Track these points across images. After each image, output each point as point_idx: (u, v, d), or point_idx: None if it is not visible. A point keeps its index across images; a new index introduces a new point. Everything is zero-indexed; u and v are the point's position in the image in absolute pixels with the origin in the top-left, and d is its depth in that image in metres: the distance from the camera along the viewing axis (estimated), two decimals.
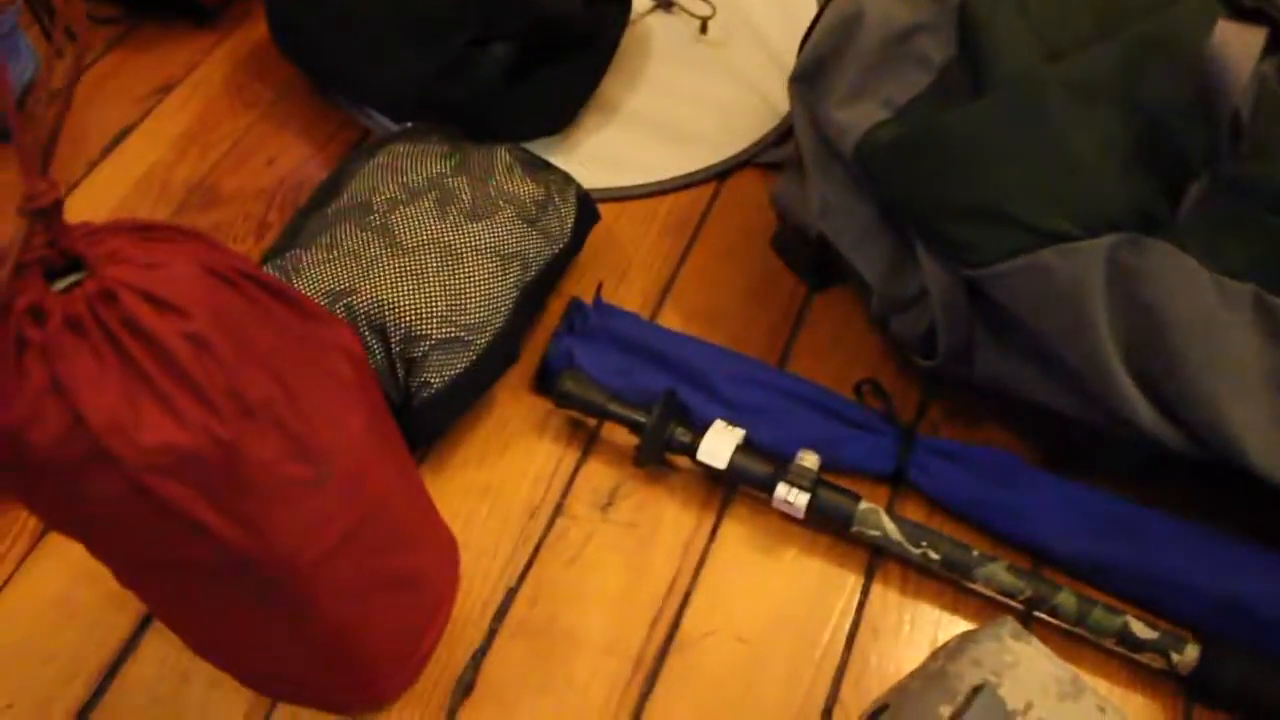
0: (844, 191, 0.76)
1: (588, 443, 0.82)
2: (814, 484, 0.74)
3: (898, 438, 0.79)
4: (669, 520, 0.78)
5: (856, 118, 0.72)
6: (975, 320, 0.72)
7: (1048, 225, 0.64)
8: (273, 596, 0.55)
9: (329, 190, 0.82)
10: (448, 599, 0.73)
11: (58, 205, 0.45)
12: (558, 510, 0.79)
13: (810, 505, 0.74)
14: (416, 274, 0.74)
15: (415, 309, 0.74)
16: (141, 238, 0.48)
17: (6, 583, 0.76)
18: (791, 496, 0.74)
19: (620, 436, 0.81)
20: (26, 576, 0.76)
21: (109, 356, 0.44)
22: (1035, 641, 0.64)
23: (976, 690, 0.60)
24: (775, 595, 0.76)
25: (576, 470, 0.81)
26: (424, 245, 0.76)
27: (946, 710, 0.62)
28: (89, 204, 0.97)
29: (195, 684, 0.72)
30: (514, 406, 0.84)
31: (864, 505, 0.75)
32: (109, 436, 0.44)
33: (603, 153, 0.97)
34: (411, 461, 0.65)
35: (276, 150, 1.02)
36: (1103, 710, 0.62)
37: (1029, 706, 0.61)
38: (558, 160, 0.88)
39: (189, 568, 0.53)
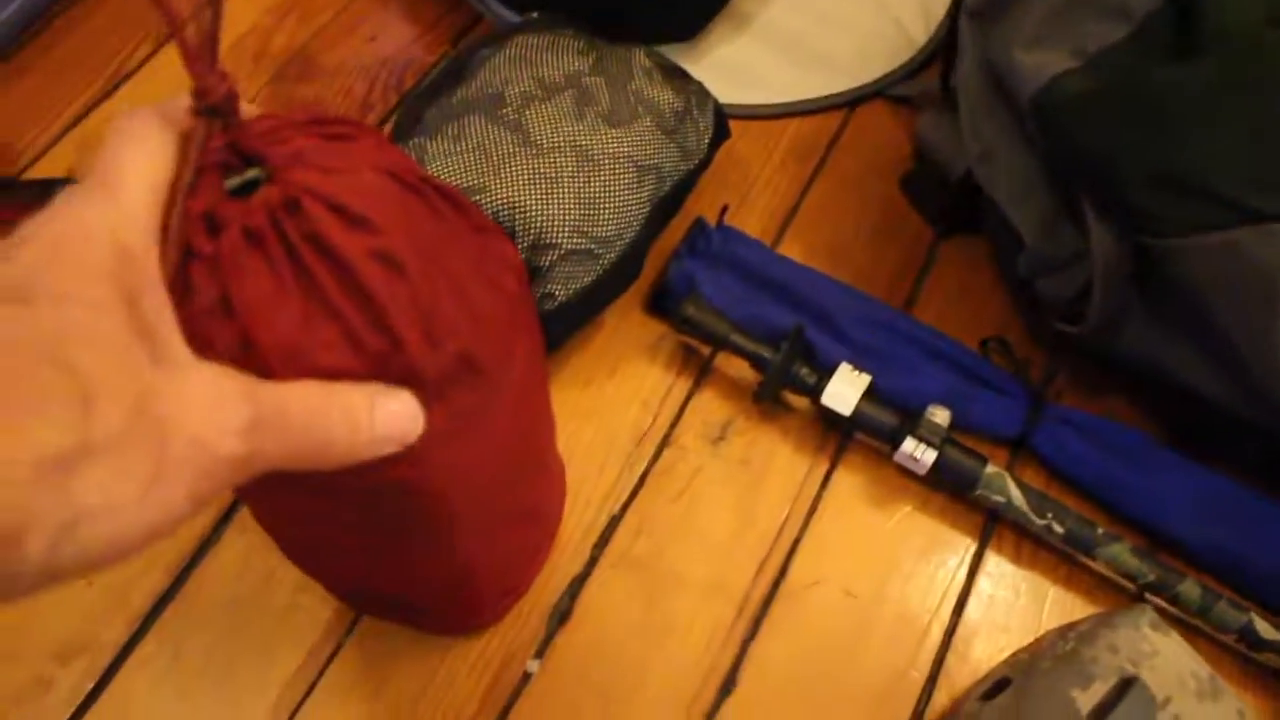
0: (1008, 139, 0.71)
1: (700, 372, 0.78)
2: (943, 441, 0.71)
3: (1027, 401, 0.76)
4: (781, 461, 0.75)
5: (1041, 63, 0.66)
6: (1133, 291, 0.68)
7: (1252, 203, 0.60)
8: (410, 526, 0.51)
9: (452, 77, 0.77)
10: (555, 529, 0.70)
11: (231, 98, 0.38)
12: (665, 440, 0.75)
13: (936, 463, 0.71)
14: (551, 178, 0.70)
15: (547, 215, 0.69)
16: (320, 135, 0.42)
17: None
18: (919, 453, 0.71)
19: (735, 368, 0.78)
20: None
21: (287, 275, 0.38)
22: (1174, 634, 0.62)
23: (1127, 683, 0.58)
24: (886, 551, 0.73)
25: (688, 399, 0.77)
26: (559, 147, 0.71)
27: (1079, 694, 0.59)
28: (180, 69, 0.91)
29: (279, 586, 0.69)
30: (623, 326, 0.80)
31: (990, 469, 0.71)
32: (281, 363, 0.39)
33: (731, 66, 0.91)
34: (548, 387, 0.61)
35: (379, 26, 0.96)
36: (1242, 715, 0.59)
37: (1167, 701, 0.59)
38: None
39: (332, 493, 0.48)
